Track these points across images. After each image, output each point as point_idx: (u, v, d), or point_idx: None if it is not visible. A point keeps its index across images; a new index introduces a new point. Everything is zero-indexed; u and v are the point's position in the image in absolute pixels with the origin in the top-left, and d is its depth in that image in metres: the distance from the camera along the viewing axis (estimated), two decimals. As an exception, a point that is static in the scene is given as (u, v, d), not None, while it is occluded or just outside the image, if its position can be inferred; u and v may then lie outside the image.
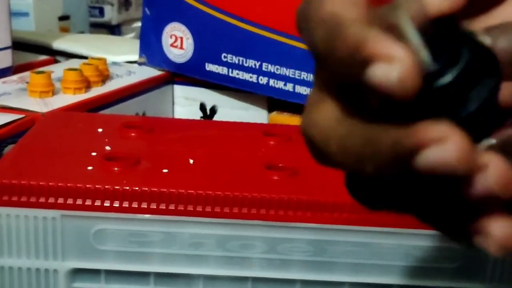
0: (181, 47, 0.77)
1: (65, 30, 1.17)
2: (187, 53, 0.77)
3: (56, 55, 0.88)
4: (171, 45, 0.77)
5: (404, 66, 0.17)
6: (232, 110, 0.78)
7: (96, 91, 0.68)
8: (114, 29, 1.39)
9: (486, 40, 0.19)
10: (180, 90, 0.81)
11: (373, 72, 0.18)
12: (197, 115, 0.80)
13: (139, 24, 0.99)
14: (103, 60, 0.74)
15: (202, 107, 0.80)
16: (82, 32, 1.22)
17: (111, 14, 1.38)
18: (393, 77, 0.17)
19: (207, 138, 0.55)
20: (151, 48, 0.79)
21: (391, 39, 0.18)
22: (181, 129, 0.57)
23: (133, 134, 0.54)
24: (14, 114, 0.60)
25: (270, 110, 0.76)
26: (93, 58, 0.74)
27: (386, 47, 0.18)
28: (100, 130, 0.54)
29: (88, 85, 0.68)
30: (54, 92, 0.66)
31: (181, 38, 0.76)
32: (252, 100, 0.76)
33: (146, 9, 0.79)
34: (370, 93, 0.18)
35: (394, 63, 0.17)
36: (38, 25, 1.10)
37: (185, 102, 0.81)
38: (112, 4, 1.37)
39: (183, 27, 0.76)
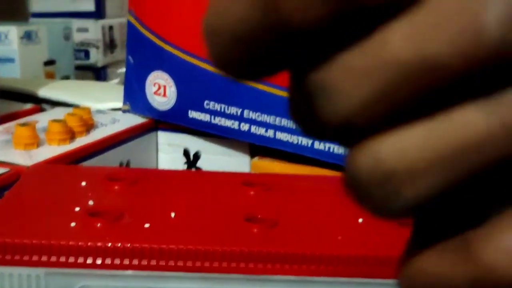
0: (164, 95, 0.78)
1: (50, 75, 1.18)
2: (170, 101, 0.78)
3: (42, 103, 0.89)
4: (155, 93, 0.79)
5: None
6: (215, 156, 0.80)
7: (81, 141, 0.69)
8: (99, 71, 1.41)
9: None
10: (163, 137, 0.82)
11: None
12: (181, 161, 0.81)
13: (124, 69, 1.01)
14: (87, 110, 0.75)
15: (186, 153, 0.81)
16: (67, 77, 1.24)
17: (96, 56, 1.40)
18: None
19: (188, 189, 0.56)
20: (134, 96, 0.81)
21: None
22: (163, 181, 0.58)
23: (116, 187, 0.55)
24: (-1, 167, 0.61)
25: (252, 155, 0.77)
26: (77, 108, 0.75)
27: None
28: (83, 183, 0.55)
29: (72, 136, 0.70)
30: (39, 144, 0.67)
31: (164, 86, 0.78)
32: (234, 146, 0.78)
33: (130, 58, 0.81)
34: None
35: None
36: (23, 71, 1.12)
37: (169, 148, 0.82)
38: (97, 47, 1.40)
39: (166, 76, 0.78)
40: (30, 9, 1.44)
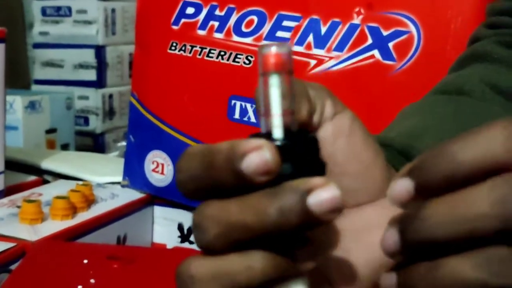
0: (162, 173, 0.83)
1: (51, 142, 1.23)
2: (167, 178, 0.83)
3: (44, 174, 0.93)
4: (153, 170, 0.84)
5: (268, 148, 0.25)
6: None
7: (82, 216, 0.74)
8: (98, 137, 1.46)
9: (322, 160, 0.28)
10: (160, 211, 0.86)
11: (248, 160, 0.25)
12: (175, 234, 0.86)
13: (123, 143, 1.06)
14: (89, 186, 0.79)
15: (180, 227, 0.85)
16: (67, 144, 1.29)
17: (95, 123, 1.45)
18: (265, 155, 0.25)
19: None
20: (134, 172, 0.86)
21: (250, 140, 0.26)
22: (157, 259, 0.62)
23: (115, 266, 0.59)
24: (6, 242, 0.65)
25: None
26: (80, 184, 0.80)
27: (252, 143, 0.26)
28: (85, 261, 0.59)
29: (75, 211, 0.74)
30: (43, 219, 0.71)
31: (162, 164, 0.83)
32: (226, 223, 0.82)
33: (131, 137, 0.86)
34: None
35: (262, 148, 0.25)
36: (26, 138, 1.17)
37: (164, 222, 0.86)
38: (97, 114, 1.45)
39: (164, 155, 0.82)
40: (33, 76, 1.50)
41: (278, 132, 0.27)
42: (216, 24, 0.77)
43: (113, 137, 1.48)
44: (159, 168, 0.83)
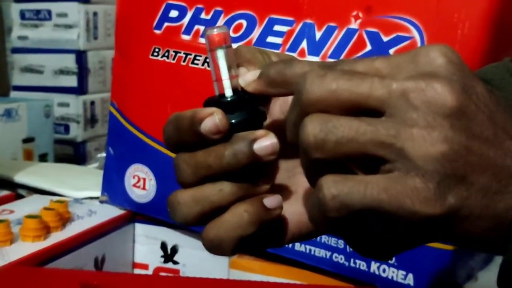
0: (144, 188, 0.77)
1: (28, 152, 1.17)
2: (149, 194, 0.77)
3: (18, 187, 0.87)
4: (134, 185, 0.78)
5: (218, 113, 0.34)
6: (193, 250, 0.78)
7: (56, 237, 0.68)
8: (79, 146, 1.40)
9: (262, 109, 0.37)
10: (141, 229, 0.81)
11: (204, 124, 0.34)
12: (158, 254, 0.80)
13: (103, 154, 1.00)
14: (65, 203, 0.74)
15: (163, 246, 0.80)
16: (46, 154, 1.23)
17: (76, 131, 1.39)
18: (215, 119, 0.34)
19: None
20: (113, 187, 0.80)
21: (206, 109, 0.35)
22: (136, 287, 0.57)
23: (90, 296, 0.53)
24: (-31, 268, 0.59)
25: (231, 252, 0.76)
26: (54, 202, 0.74)
27: (207, 111, 0.34)
28: (56, 291, 0.54)
29: (48, 231, 0.68)
30: (12, 240, 0.65)
31: (144, 179, 0.77)
32: (213, 242, 0.76)
33: (110, 149, 0.80)
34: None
35: (213, 115, 0.34)
36: (1, 148, 1.10)
37: (146, 240, 0.81)
38: (78, 122, 1.39)
39: (146, 169, 0.77)
40: (12, 82, 1.44)
41: (228, 92, 0.36)
42: (201, 28, 0.71)
43: (95, 145, 1.42)
44: (140, 183, 0.78)
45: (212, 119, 0.34)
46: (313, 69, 0.32)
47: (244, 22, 0.69)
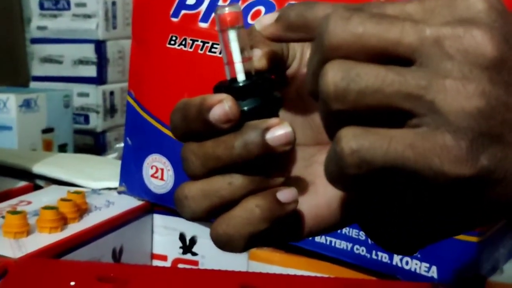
0: (162, 178, 0.76)
1: (48, 143, 1.17)
2: (167, 184, 0.76)
3: (36, 178, 0.87)
4: (152, 175, 0.77)
5: (228, 100, 0.32)
6: (212, 242, 0.77)
7: (73, 228, 0.67)
8: (99, 136, 1.39)
9: (278, 94, 0.34)
10: (159, 219, 0.80)
11: (213, 111, 0.32)
12: (176, 245, 0.79)
13: (121, 144, 0.99)
14: (82, 194, 0.73)
15: (182, 237, 0.79)
16: (65, 145, 1.22)
17: (96, 121, 1.38)
18: (225, 107, 0.32)
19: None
20: (131, 178, 0.79)
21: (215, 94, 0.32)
22: (155, 281, 0.56)
23: (106, 289, 0.52)
24: (-14, 259, 0.58)
25: (250, 243, 0.75)
26: (71, 192, 0.73)
27: (216, 97, 0.32)
28: (72, 283, 0.53)
29: (65, 222, 0.67)
30: (29, 232, 0.64)
31: (162, 169, 0.76)
32: (232, 233, 0.75)
33: (128, 139, 0.79)
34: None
35: (223, 102, 0.32)
36: (21, 139, 1.10)
37: (165, 231, 0.80)
38: (97, 112, 1.38)
39: (164, 159, 0.76)
40: (31, 73, 1.44)
41: (240, 76, 0.33)
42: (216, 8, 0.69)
43: (114, 135, 1.42)
44: (158, 173, 0.77)
45: (222, 107, 0.31)
46: (337, 11, 0.29)
47: (262, 9, 0.67)
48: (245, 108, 0.32)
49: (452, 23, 0.27)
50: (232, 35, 0.33)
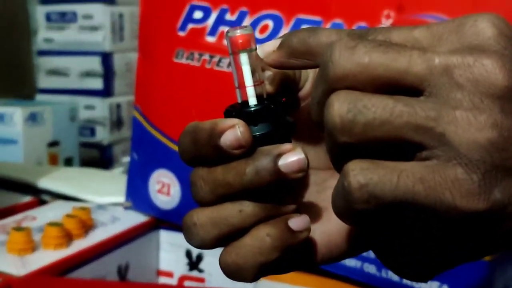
0: (168, 194, 0.75)
1: (53, 156, 1.16)
2: (174, 200, 0.75)
3: (42, 193, 0.86)
4: (158, 191, 0.76)
5: (241, 126, 0.30)
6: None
7: (78, 245, 0.66)
8: (105, 149, 1.39)
9: (290, 119, 0.33)
10: (166, 236, 0.79)
11: (224, 137, 0.30)
12: (182, 261, 0.78)
13: (128, 158, 0.98)
14: (87, 210, 0.72)
15: (188, 253, 0.78)
16: (71, 158, 1.22)
17: (102, 134, 1.38)
18: (237, 133, 0.30)
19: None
20: (137, 193, 0.78)
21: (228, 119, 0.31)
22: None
23: (111, 309, 0.51)
24: (-11, 277, 0.57)
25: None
26: (77, 209, 0.72)
27: (228, 123, 0.30)
28: (77, 303, 0.52)
29: (70, 239, 0.66)
30: (34, 248, 0.64)
31: (168, 184, 0.75)
32: (239, 250, 0.74)
33: (134, 154, 0.78)
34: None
35: (235, 127, 0.30)
36: (26, 153, 1.10)
37: (171, 247, 0.79)
38: (104, 125, 1.37)
39: (170, 174, 0.75)
40: (38, 85, 1.43)
41: (252, 101, 0.32)
42: (227, 30, 0.69)
43: (121, 148, 1.41)
44: (164, 188, 0.76)
45: (234, 132, 0.30)
46: (342, 39, 0.28)
47: (270, 23, 0.66)
48: (257, 133, 0.31)
49: (461, 51, 0.26)
50: (244, 58, 0.32)
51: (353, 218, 0.27)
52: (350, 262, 0.65)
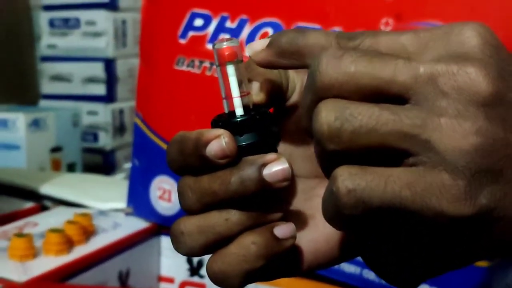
0: (169, 200, 0.76)
1: (56, 162, 1.17)
2: (175, 206, 0.76)
3: (44, 199, 0.87)
4: (159, 197, 0.77)
5: (226, 136, 0.31)
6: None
7: (79, 251, 0.67)
8: (108, 155, 1.39)
9: (276, 129, 0.33)
10: (167, 242, 0.79)
11: (209, 147, 0.31)
12: (183, 267, 0.78)
13: (130, 164, 0.99)
14: (88, 216, 0.72)
15: (189, 259, 0.78)
16: (74, 163, 1.22)
17: (105, 139, 1.38)
18: (222, 143, 0.31)
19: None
20: (138, 199, 0.79)
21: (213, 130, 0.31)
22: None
23: (111, 315, 0.52)
24: (-9, 283, 0.58)
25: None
26: (78, 215, 0.72)
27: (213, 133, 0.31)
28: (77, 309, 0.52)
29: (71, 245, 0.67)
30: (35, 254, 0.64)
31: (169, 191, 0.76)
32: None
33: (135, 160, 0.79)
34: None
35: (220, 138, 0.31)
36: (29, 158, 1.10)
37: (172, 254, 0.79)
38: (106, 130, 1.38)
39: (171, 180, 0.75)
40: (41, 91, 1.44)
41: (239, 111, 0.33)
42: (227, 37, 0.69)
43: (124, 154, 1.42)
44: (166, 195, 0.76)
45: (219, 143, 0.31)
46: (329, 45, 0.29)
47: (270, 31, 0.67)
48: (243, 143, 0.32)
49: (446, 59, 0.26)
50: (231, 70, 0.33)
51: (342, 223, 0.28)
52: (349, 268, 0.65)
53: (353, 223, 0.27)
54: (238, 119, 0.32)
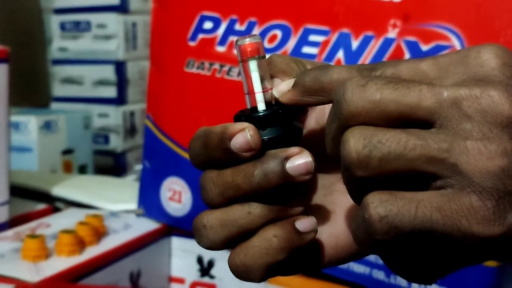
0: (180, 201, 0.76)
1: (68, 164, 1.17)
2: (185, 207, 0.76)
3: (56, 201, 0.88)
4: (170, 198, 0.77)
5: (250, 129, 0.32)
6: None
7: (91, 251, 0.67)
8: (119, 156, 1.40)
9: (298, 124, 0.34)
10: (177, 242, 0.80)
11: (234, 140, 0.31)
12: (194, 267, 0.79)
13: (141, 166, 1.00)
14: (100, 218, 0.73)
15: (200, 260, 0.79)
16: (85, 165, 1.23)
17: (116, 142, 1.39)
18: (247, 136, 0.31)
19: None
20: (149, 201, 0.79)
21: (237, 123, 0.32)
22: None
23: (123, 315, 0.52)
24: (4, 284, 0.59)
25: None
26: (90, 216, 0.73)
27: (238, 126, 0.32)
28: (89, 309, 0.53)
29: (83, 246, 0.68)
30: (48, 255, 0.65)
31: (180, 192, 0.76)
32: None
33: (146, 162, 0.79)
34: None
35: (245, 131, 0.31)
36: (41, 161, 1.11)
37: (182, 254, 0.80)
38: (117, 132, 1.39)
39: (182, 182, 0.76)
40: (52, 94, 1.45)
41: (261, 106, 0.33)
42: (236, 39, 0.70)
43: (135, 156, 1.43)
44: (176, 196, 0.77)
45: (244, 135, 0.31)
46: (353, 77, 0.30)
47: (279, 33, 0.67)
48: (266, 137, 0.32)
49: (468, 82, 0.27)
50: (253, 65, 0.33)
51: (373, 247, 0.29)
52: (359, 268, 0.66)
53: (384, 246, 0.28)
54: (261, 114, 0.33)
